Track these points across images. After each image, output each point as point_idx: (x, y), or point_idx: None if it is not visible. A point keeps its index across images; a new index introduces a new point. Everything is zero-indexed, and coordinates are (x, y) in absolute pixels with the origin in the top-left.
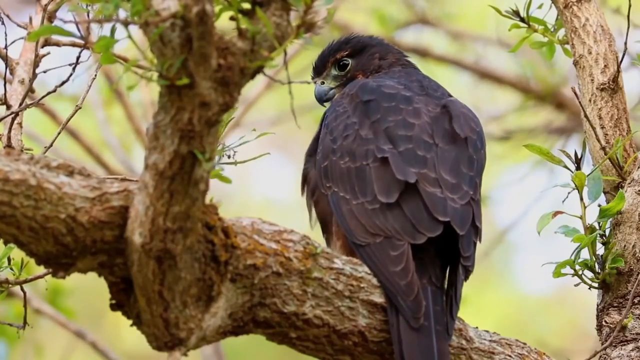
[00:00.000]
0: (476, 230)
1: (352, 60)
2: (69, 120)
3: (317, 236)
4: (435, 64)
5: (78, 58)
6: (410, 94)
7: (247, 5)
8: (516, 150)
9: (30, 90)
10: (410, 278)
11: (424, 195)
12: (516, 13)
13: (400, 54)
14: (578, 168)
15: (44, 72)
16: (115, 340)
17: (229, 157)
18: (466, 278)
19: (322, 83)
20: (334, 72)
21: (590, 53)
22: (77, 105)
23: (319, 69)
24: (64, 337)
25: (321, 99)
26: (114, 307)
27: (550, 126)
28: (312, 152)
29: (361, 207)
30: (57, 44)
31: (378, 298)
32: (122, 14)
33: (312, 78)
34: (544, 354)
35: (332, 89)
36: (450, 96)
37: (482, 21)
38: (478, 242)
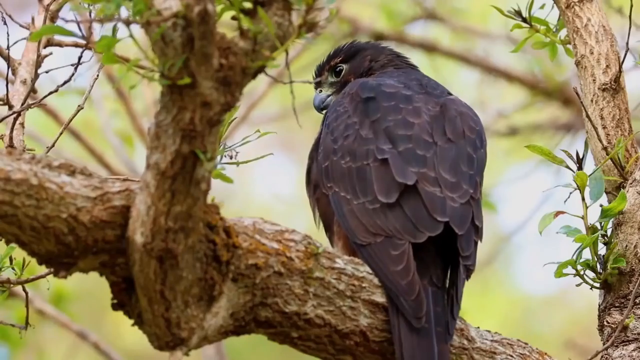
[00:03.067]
0: (476, 229)
1: (346, 65)
2: (71, 120)
3: (322, 236)
4: (443, 60)
5: (80, 58)
6: (410, 93)
7: (248, 5)
8: (522, 146)
9: (33, 90)
10: (412, 277)
11: (423, 195)
12: (518, 13)
13: (394, 55)
14: (580, 168)
15: (46, 72)
16: (117, 340)
17: (230, 157)
18: (467, 277)
19: (321, 91)
20: (330, 79)
21: (592, 53)
22: (79, 106)
23: (317, 78)
24: (66, 340)
25: (319, 106)
26: (115, 307)
27: (556, 122)
28: (314, 153)
29: (362, 207)
30: (60, 44)
31: (380, 298)
32: (124, 13)
33: (315, 88)
34: (546, 353)
35: (329, 95)
36: (450, 94)
37: (489, 17)
38: (479, 241)
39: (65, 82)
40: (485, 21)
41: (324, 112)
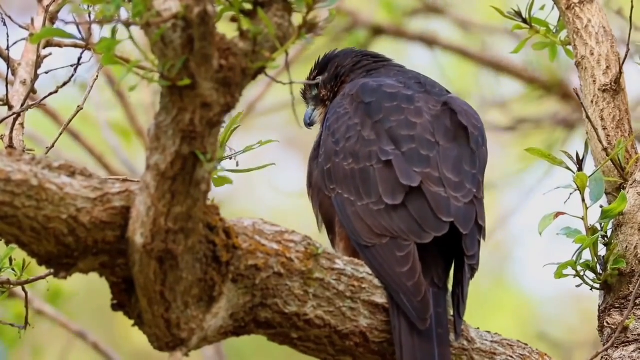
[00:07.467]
0: (480, 229)
1: (321, 77)
2: (70, 120)
3: (322, 238)
4: (443, 52)
5: (79, 59)
6: (411, 93)
7: (248, 6)
8: (521, 140)
9: (32, 91)
10: (418, 279)
11: (428, 195)
12: (518, 14)
13: (361, 56)
14: (580, 169)
15: (46, 73)
16: (128, 339)
17: (231, 158)
18: (471, 276)
19: (308, 108)
20: (313, 93)
21: (592, 54)
22: (78, 106)
23: (305, 97)
24: (62, 338)
25: (305, 122)
26: (115, 308)
27: (556, 117)
28: (315, 155)
29: (366, 208)
30: (59, 45)
31: (379, 299)
32: (124, 14)
33: (306, 105)
34: (546, 354)
35: (313, 110)
36: (449, 92)
37: (489, 10)
38: (483, 241)
39: (65, 83)
40: (485, 14)
41: (311, 127)
